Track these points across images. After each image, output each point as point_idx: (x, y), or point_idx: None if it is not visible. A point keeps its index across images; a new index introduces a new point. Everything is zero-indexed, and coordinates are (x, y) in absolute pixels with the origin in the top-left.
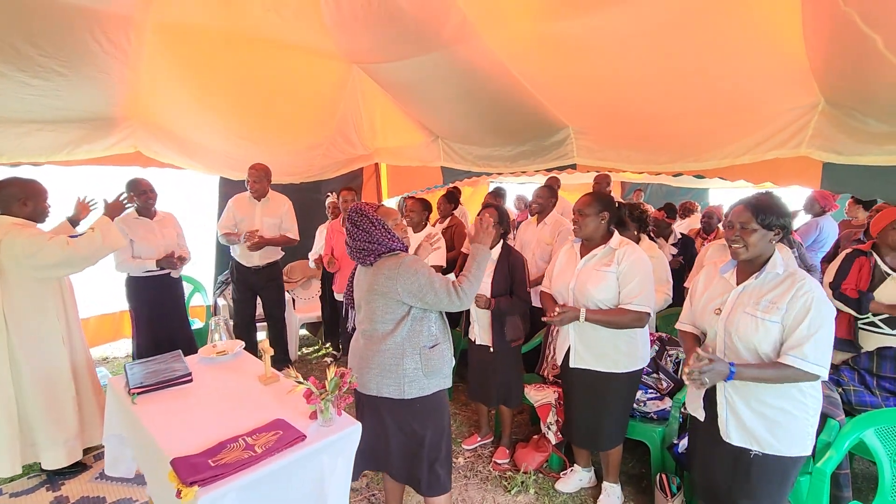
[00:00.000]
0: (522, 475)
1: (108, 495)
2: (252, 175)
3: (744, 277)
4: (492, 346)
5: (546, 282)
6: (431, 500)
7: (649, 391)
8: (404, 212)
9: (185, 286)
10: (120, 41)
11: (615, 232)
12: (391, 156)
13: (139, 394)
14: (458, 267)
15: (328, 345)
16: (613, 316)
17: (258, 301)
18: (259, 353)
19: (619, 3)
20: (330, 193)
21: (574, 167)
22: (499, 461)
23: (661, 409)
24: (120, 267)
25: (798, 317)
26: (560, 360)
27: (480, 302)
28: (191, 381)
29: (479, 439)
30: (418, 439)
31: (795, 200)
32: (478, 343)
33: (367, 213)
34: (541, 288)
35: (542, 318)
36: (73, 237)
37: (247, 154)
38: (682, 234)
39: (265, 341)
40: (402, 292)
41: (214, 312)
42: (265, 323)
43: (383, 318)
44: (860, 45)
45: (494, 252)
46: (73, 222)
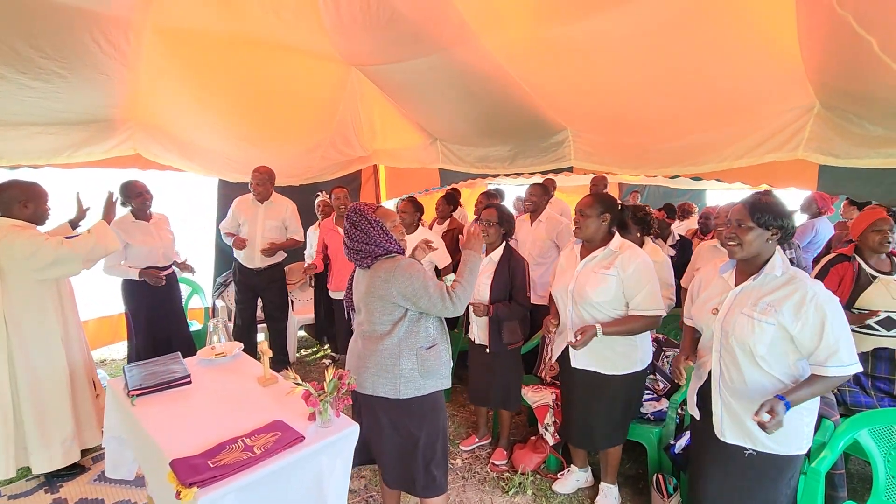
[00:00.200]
0: (520, 476)
1: (107, 497)
2: (256, 178)
3: (743, 278)
4: (488, 347)
5: (551, 282)
6: (428, 502)
7: (646, 392)
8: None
9: (183, 288)
10: (119, 43)
11: (616, 234)
12: (390, 158)
13: (138, 395)
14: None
15: (327, 346)
16: (629, 324)
17: (259, 302)
18: (258, 355)
19: (616, 8)
20: (320, 192)
21: (571, 170)
22: (496, 462)
23: (658, 410)
24: (108, 271)
25: (816, 325)
26: (555, 358)
27: (479, 310)
28: (190, 382)
29: (476, 440)
30: (413, 440)
31: (792, 201)
32: (477, 343)
33: (366, 213)
34: (550, 290)
35: (570, 344)
36: (69, 238)
37: (246, 156)
38: (680, 235)
39: (264, 343)
40: (397, 295)
41: (213, 314)
42: (264, 324)
43: (381, 320)
44: (855, 47)
45: (496, 254)
46: (73, 224)
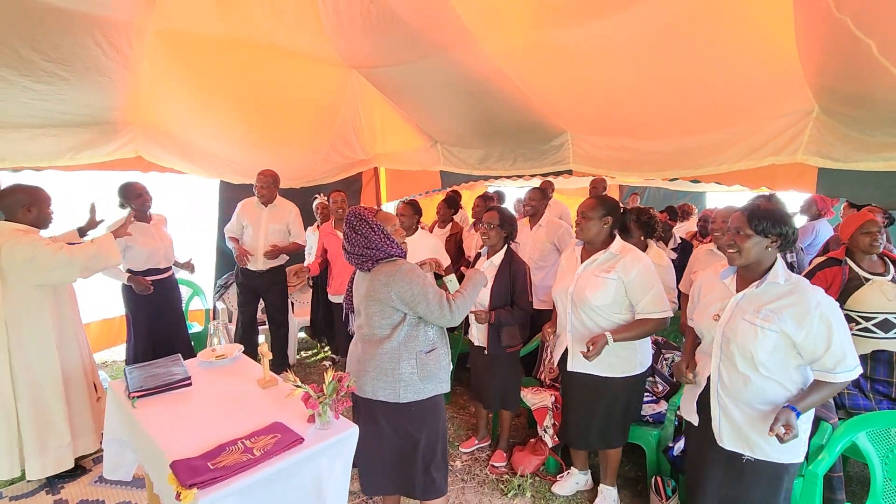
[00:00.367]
0: (519, 478)
1: (108, 499)
2: (261, 180)
3: (744, 285)
4: (486, 349)
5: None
6: None
7: (645, 394)
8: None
9: (183, 290)
10: (121, 46)
11: (617, 237)
12: (390, 160)
13: (139, 397)
14: (471, 266)
15: (327, 348)
16: (638, 329)
17: (260, 304)
18: (258, 357)
19: (615, 12)
20: (318, 195)
21: (570, 172)
22: (496, 464)
23: (657, 413)
24: (106, 272)
25: (822, 334)
26: (557, 362)
27: (481, 318)
28: (190, 384)
29: (476, 442)
30: (413, 442)
31: (793, 203)
32: (476, 344)
33: (367, 217)
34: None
35: (584, 355)
36: (71, 244)
37: (248, 158)
38: (681, 238)
39: (264, 345)
40: (396, 299)
41: (213, 316)
42: (264, 326)
43: (380, 324)
44: (854, 50)
45: (497, 258)
46: (82, 233)
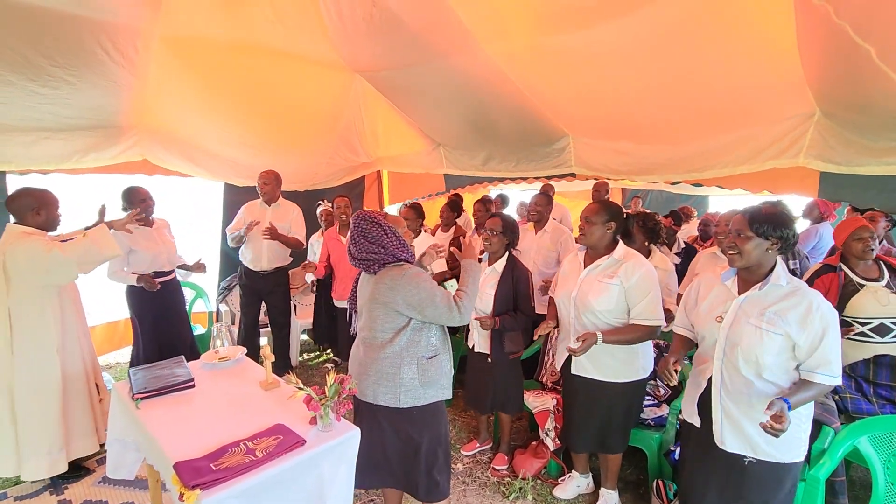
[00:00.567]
0: (521, 481)
1: (111, 499)
2: (263, 178)
3: (745, 287)
4: (490, 357)
5: (552, 288)
6: None
7: (647, 398)
8: None
9: (187, 292)
10: (127, 51)
11: (620, 242)
12: (393, 163)
13: (143, 399)
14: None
15: (329, 351)
16: (628, 334)
17: (262, 307)
18: (261, 359)
19: (618, 17)
20: (322, 202)
21: (573, 175)
22: (497, 467)
23: (659, 416)
24: (111, 277)
25: (818, 334)
26: (559, 366)
27: (486, 324)
28: (193, 386)
29: (477, 445)
30: (414, 445)
31: (795, 206)
32: (476, 350)
33: (379, 220)
34: (550, 294)
35: (568, 349)
36: (64, 241)
37: (252, 161)
38: (685, 242)
39: (266, 347)
40: (402, 304)
41: (217, 318)
42: (267, 328)
43: (383, 327)
44: (854, 56)
45: (499, 264)
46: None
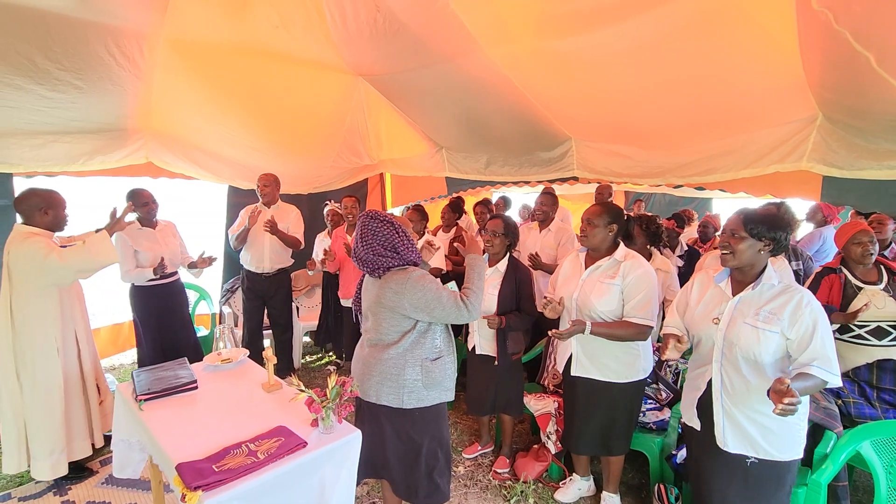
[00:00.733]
0: (522, 484)
1: (114, 500)
2: (263, 181)
3: (738, 288)
4: (497, 360)
5: (550, 289)
6: None
7: (648, 401)
8: None
9: (190, 294)
10: (133, 55)
11: (621, 244)
12: (396, 166)
13: (146, 400)
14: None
15: (331, 353)
16: (617, 329)
17: (265, 309)
18: (263, 361)
19: (620, 22)
20: (329, 202)
21: (576, 179)
22: (498, 470)
23: (660, 420)
24: (125, 277)
25: (808, 328)
26: (562, 368)
27: (493, 323)
28: (196, 388)
29: (479, 448)
30: (416, 447)
31: (799, 210)
32: (478, 353)
33: (390, 220)
34: (547, 296)
35: (549, 332)
36: (64, 247)
37: (256, 164)
38: (688, 245)
39: (269, 349)
40: (409, 307)
41: (220, 320)
42: (269, 331)
43: (389, 330)
44: (854, 62)
45: (502, 265)
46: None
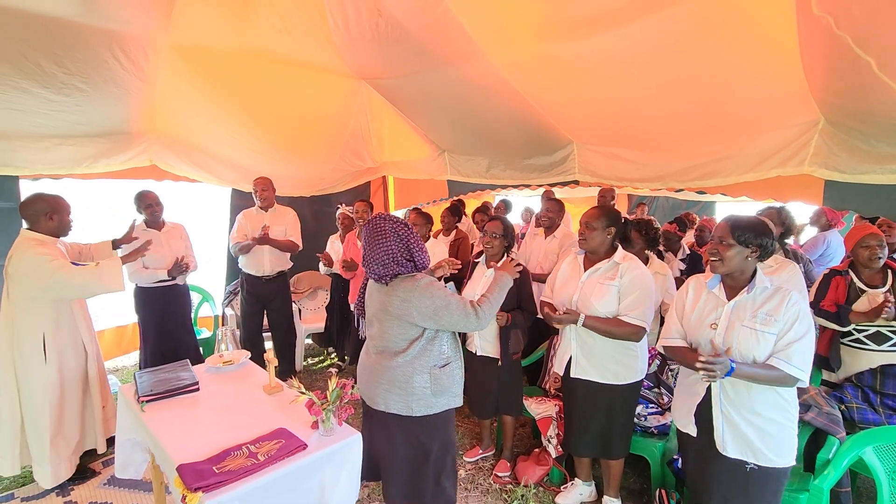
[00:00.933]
0: (523, 488)
1: (116, 501)
2: (260, 184)
3: (732, 293)
4: (500, 361)
5: (548, 291)
6: None
7: (650, 406)
8: None
9: (193, 296)
10: (138, 59)
11: (619, 247)
12: (398, 169)
13: (148, 401)
14: (465, 279)
15: (333, 355)
16: (610, 325)
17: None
18: (265, 364)
19: (622, 25)
20: (340, 205)
21: (577, 183)
22: (500, 474)
23: (662, 424)
24: (132, 277)
25: (789, 321)
26: (561, 371)
27: (501, 319)
28: (198, 389)
29: (480, 452)
30: (425, 452)
31: (803, 213)
32: (480, 354)
33: (406, 223)
34: (542, 298)
35: (543, 314)
36: (76, 265)
37: (260, 167)
38: (690, 249)
39: (270, 352)
40: (417, 315)
41: (222, 323)
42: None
43: (396, 338)
44: (855, 67)
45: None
46: (116, 245)
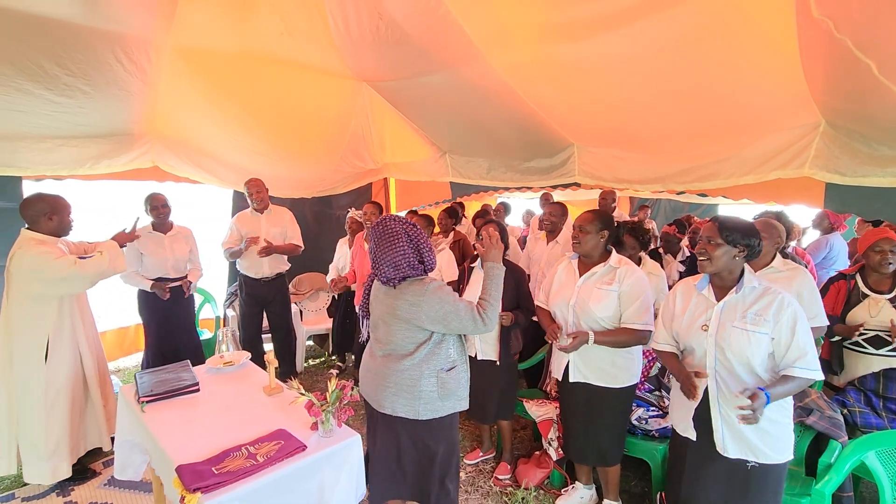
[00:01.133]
0: (523, 491)
1: (116, 502)
2: (254, 186)
3: (721, 294)
4: (498, 360)
5: (542, 297)
6: None
7: (651, 409)
8: None
9: (195, 297)
10: (140, 61)
11: (613, 250)
12: (399, 171)
13: (148, 402)
14: (464, 282)
15: (333, 356)
16: (620, 336)
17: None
18: (265, 365)
19: (622, 27)
20: (350, 209)
21: (578, 185)
22: (500, 477)
23: (663, 428)
24: (125, 279)
25: (789, 327)
26: (559, 376)
27: (506, 319)
28: (198, 390)
29: (481, 454)
30: (430, 454)
31: (805, 217)
32: (480, 359)
33: (415, 224)
34: (537, 303)
35: (556, 347)
36: (83, 258)
37: (261, 169)
38: (690, 251)
39: (270, 353)
40: (426, 319)
41: (224, 324)
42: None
43: (404, 342)
44: (855, 70)
45: None
46: (121, 243)
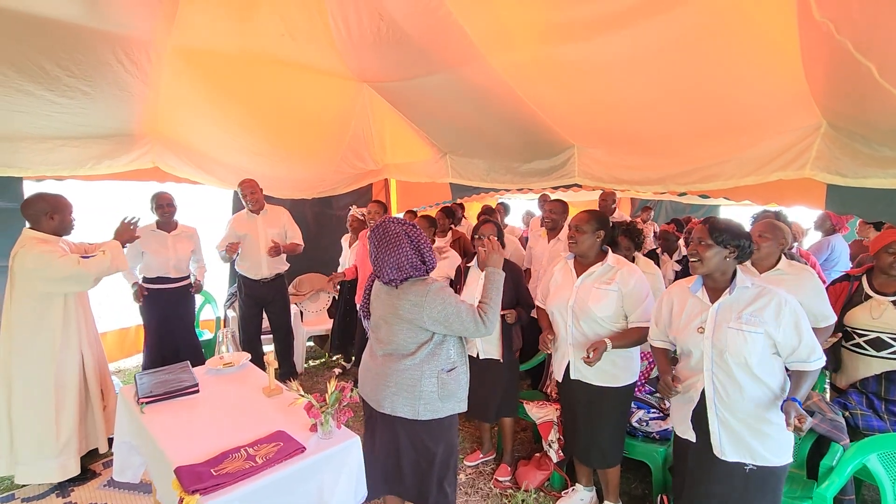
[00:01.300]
0: (523, 493)
1: (116, 503)
2: (248, 187)
3: (715, 296)
4: (501, 358)
5: (540, 298)
6: None
7: (652, 410)
8: None
9: (196, 298)
10: (141, 62)
11: (609, 250)
12: (400, 172)
13: (147, 403)
14: (461, 281)
15: (336, 357)
16: (633, 336)
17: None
18: (265, 366)
19: (623, 28)
20: (352, 207)
21: (579, 186)
22: (500, 479)
23: (664, 429)
24: (125, 276)
25: (792, 326)
26: (560, 377)
27: (510, 318)
28: (197, 391)
29: (481, 456)
30: (430, 456)
31: (807, 218)
32: (482, 358)
33: (415, 224)
34: (537, 303)
35: (584, 360)
36: (85, 258)
37: (261, 170)
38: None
39: (270, 354)
40: (428, 320)
41: (224, 324)
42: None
43: (405, 342)
44: (856, 72)
45: None
46: (123, 243)
